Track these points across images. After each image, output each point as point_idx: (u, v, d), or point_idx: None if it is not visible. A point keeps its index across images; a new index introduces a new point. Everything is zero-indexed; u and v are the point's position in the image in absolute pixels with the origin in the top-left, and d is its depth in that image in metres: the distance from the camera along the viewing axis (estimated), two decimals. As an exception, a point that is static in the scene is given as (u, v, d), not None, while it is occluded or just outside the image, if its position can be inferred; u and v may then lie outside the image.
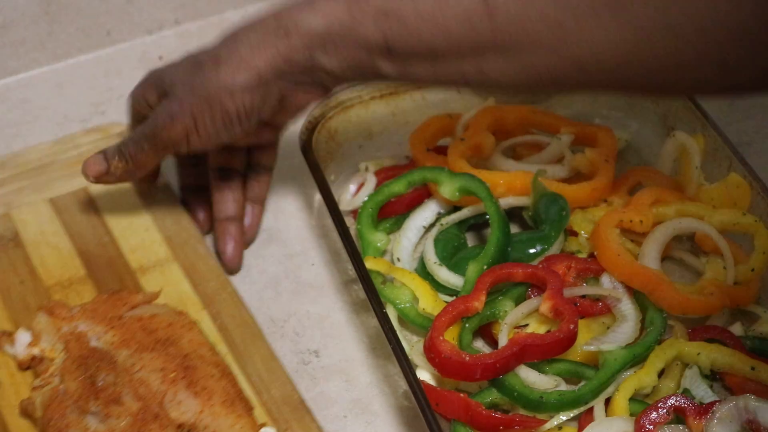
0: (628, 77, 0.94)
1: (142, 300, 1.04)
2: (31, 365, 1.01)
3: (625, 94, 1.02)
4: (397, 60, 0.99)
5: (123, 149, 1.07)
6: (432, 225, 1.11)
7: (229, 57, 1.01)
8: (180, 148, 1.05)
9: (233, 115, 1.02)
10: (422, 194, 1.12)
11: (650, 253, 1.06)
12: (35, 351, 1.01)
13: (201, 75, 1.02)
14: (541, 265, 1.05)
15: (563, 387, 1.00)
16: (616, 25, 0.92)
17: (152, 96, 1.06)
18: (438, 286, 1.06)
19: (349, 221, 1.12)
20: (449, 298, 1.05)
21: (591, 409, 0.98)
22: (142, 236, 1.11)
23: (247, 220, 1.13)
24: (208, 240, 1.12)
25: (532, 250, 1.07)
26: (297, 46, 1.00)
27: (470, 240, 1.13)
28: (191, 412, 0.95)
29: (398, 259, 1.09)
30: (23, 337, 1.02)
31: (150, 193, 1.14)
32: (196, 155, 1.12)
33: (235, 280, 1.10)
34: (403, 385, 1.01)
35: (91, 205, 1.14)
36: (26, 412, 0.97)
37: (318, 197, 1.12)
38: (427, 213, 1.12)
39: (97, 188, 1.14)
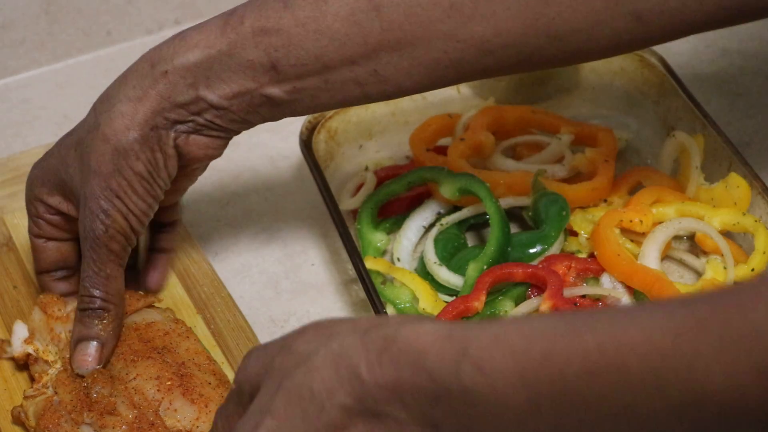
0: (539, 47, 0.91)
1: (143, 304, 1.03)
2: (28, 362, 1.00)
3: (538, 69, 0.99)
4: (285, 80, 0.94)
5: (90, 305, 0.97)
6: (432, 225, 1.11)
7: (110, 121, 0.95)
8: (131, 238, 0.98)
9: (147, 174, 0.96)
10: (422, 194, 1.12)
11: (650, 253, 1.05)
12: (30, 349, 1.00)
13: (93, 154, 0.95)
14: (541, 265, 1.05)
15: (563, 387, 1.00)
16: None
17: (54, 199, 1.00)
18: (438, 286, 1.06)
19: (349, 221, 1.12)
20: (449, 298, 1.05)
21: (591, 409, 0.98)
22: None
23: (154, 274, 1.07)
24: (202, 244, 1.12)
25: (532, 250, 1.07)
26: (179, 85, 0.94)
27: (470, 240, 1.13)
28: (187, 419, 0.95)
29: (398, 259, 1.09)
30: (20, 330, 1.01)
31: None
32: None
33: (235, 280, 1.10)
34: (403, 385, 1.01)
35: (86, 209, 1.14)
36: (17, 420, 0.97)
37: (318, 197, 1.12)
38: (427, 213, 1.12)
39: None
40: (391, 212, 1.12)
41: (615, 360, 0.66)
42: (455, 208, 1.11)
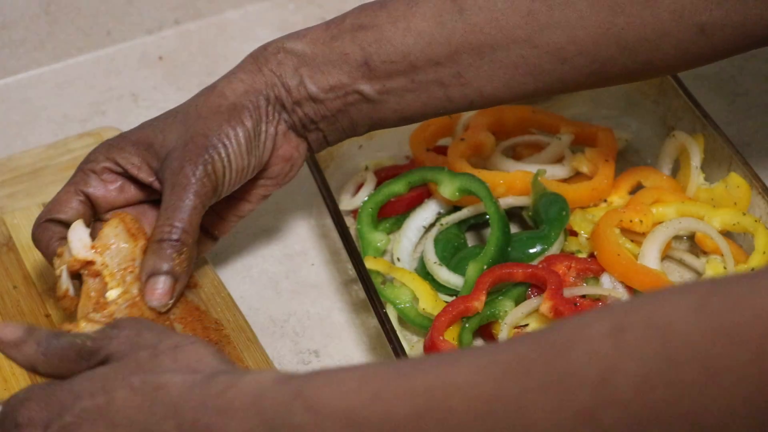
0: (610, 57, 0.94)
1: (192, 284, 1.01)
2: (80, 274, 0.95)
3: (612, 82, 1.02)
4: (376, 77, 0.98)
5: (169, 235, 0.96)
6: (432, 225, 1.11)
7: (230, 84, 1.00)
8: (218, 190, 0.98)
9: (253, 134, 0.99)
10: (422, 194, 1.12)
11: (650, 253, 1.06)
12: (97, 258, 0.94)
13: (205, 108, 0.99)
14: (541, 265, 1.05)
15: (563, 387, 1.00)
16: (588, 4, 0.92)
17: (128, 159, 1.00)
18: (438, 286, 1.06)
19: (349, 221, 1.12)
20: (449, 298, 1.05)
21: (591, 409, 0.98)
22: (135, 241, 1.11)
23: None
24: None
25: (532, 250, 1.07)
26: (288, 67, 0.99)
27: (470, 240, 1.13)
28: None
29: (398, 259, 1.09)
30: (80, 231, 0.96)
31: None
32: None
33: (235, 280, 1.10)
34: (403, 385, 1.01)
35: (84, 210, 1.14)
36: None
37: (318, 197, 1.12)
38: (427, 213, 1.12)
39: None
40: (391, 212, 1.12)
41: (442, 403, 0.66)
42: (455, 208, 1.11)
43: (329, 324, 1.07)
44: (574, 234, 1.09)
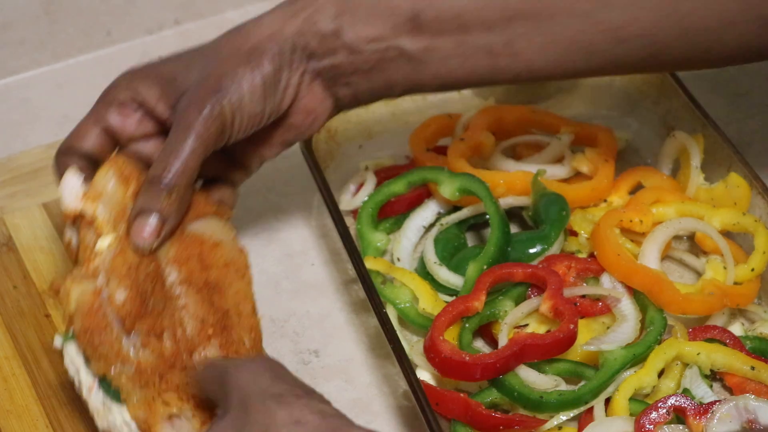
0: (669, 42, 0.92)
1: (212, 211, 0.98)
2: (75, 224, 0.93)
3: (665, 68, 0.99)
4: (421, 33, 0.95)
5: (163, 175, 0.92)
6: (432, 225, 1.11)
7: (257, 26, 0.97)
8: (225, 134, 0.95)
9: (269, 81, 0.95)
10: (422, 194, 1.12)
11: (650, 253, 1.06)
12: (88, 207, 0.92)
13: (228, 46, 0.96)
14: (541, 265, 1.05)
15: (563, 387, 1.00)
16: None
17: (149, 91, 0.97)
18: (438, 286, 1.06)
19: (349, 221, 1.12)
20: (449, 298, 1.05)
21: (591, 409, 0.98)
22: (136, 239, 1.11)
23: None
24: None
25: (532, 250, 1.07)
26: (326, 12, 0.96)
27: (470, 240, 1.13)
28: None
29: (398, 259, 1.09)
30: (73, 180, 0.94)
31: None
32: None
33: (235, 280, 1.10)
34: (403, 385, 1.01)
35: (85, 210, 1.13)
36: (55, 292, 0.91)
37: (318, 197, 1.12)
38: (427, 213, 1.12)
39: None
40: (391, 212, 1.12)
41: None
42: (455, 208, 1.11)
43: (329, 324, 1.07)
44: (574, 234, 1.09)
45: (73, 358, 0.90)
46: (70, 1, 1.29)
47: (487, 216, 1.08)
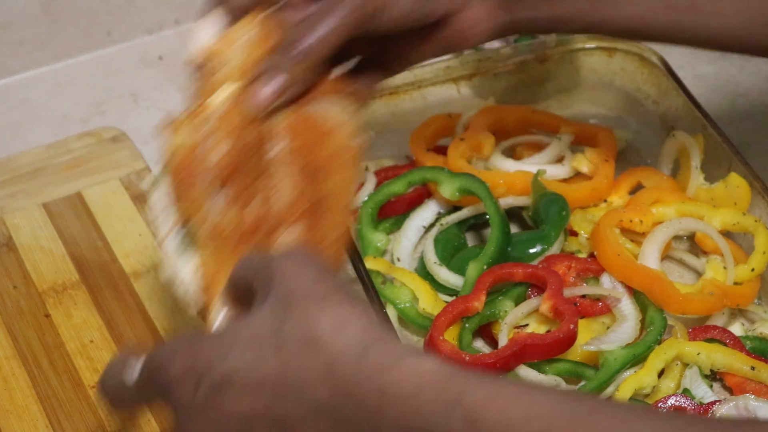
0: None
1: (341, 97, 0.92)
2: (201, 65, 0.88)
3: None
4: None
5: (295, 40, 0.87)
6: (432, 225, 1.11)
7: None
8: (378, 21, 0.89)
9: None
10: (422, 194, 1.12)
11: (650, 253, 1.05)
12: (222, 47, 0.87)
13: None
14: (541, 265, 1.05)
15: (563, 387, 1.00)
16: None
17: None
18: (438, 286, 1.06)
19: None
20: (449, 298, 1.05)
21: (591, 409, 0.98)
22: (136, 241, 1.11)
23: None
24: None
25: (532, 250, 1.07)
26: None
27: (470, 240, 1.13)
28: None
29: (398, 259, 1.09)
30: (215, 21, 0.89)
31: None
32: None
33: (235, 280, 1.10)
34: (403, 385, 1.01)
35: (85, 210, 1.13)
36: (165, 127, 0.86)
37: (318, 197, 1.12)
38: (427, 213, 1.12)
39: (90, 193, 1.14)
40: (391, 212, 1.12)
41: None
42: (455, 208, 1.11)
43: (329, 324, 1.07)
44: (574, 234, 1.09)
45: (161, 198, 0.86)
46: (70, 1, 1.29)
47: (487, 216, 1.08)
